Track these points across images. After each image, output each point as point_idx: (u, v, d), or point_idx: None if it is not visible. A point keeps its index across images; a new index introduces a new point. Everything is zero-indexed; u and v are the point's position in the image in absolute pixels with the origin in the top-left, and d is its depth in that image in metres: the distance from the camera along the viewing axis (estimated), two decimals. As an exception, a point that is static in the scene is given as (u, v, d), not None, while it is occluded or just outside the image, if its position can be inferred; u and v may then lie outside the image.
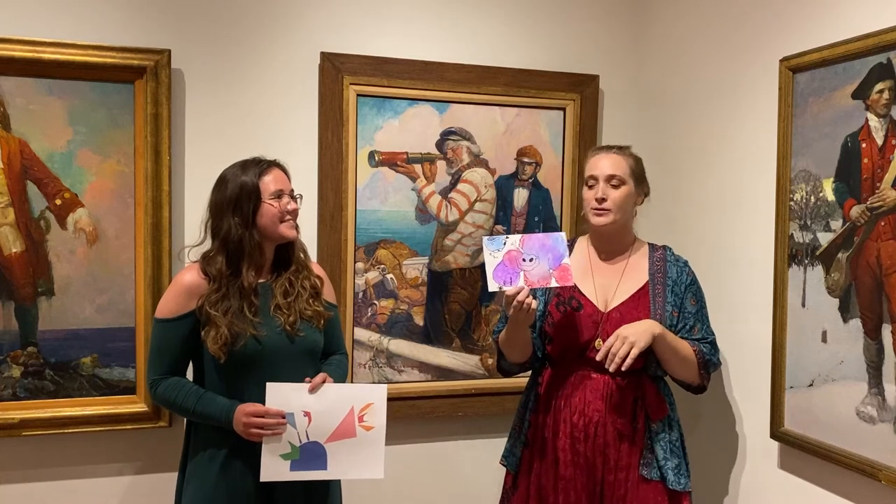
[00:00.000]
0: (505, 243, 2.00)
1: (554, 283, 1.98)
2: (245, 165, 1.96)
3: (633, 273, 2.12)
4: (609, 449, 2.03)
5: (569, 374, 2.10)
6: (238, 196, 1.92)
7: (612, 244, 2.16)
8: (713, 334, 2.12)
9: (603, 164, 2.10)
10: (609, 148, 2.17)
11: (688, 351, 2.04)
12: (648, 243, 2.20)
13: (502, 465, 2.23)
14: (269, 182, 1.94)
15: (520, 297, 1.93)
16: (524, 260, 1.98)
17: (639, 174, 2.14)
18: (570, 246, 2.23)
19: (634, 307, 2.07)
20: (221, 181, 1.96)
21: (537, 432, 2.14)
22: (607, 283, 2.11)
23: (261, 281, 1.98)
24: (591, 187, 2.11)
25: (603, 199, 2.07)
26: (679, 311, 2.09)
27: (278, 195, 1.95)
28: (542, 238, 2.02)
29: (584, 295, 2.11)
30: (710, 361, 2.07)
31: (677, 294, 2.09)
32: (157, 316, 1.97)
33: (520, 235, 2.02)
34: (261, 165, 1.96)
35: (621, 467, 2.03)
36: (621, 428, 2.03)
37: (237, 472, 1.92)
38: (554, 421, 2.09)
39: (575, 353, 2.09)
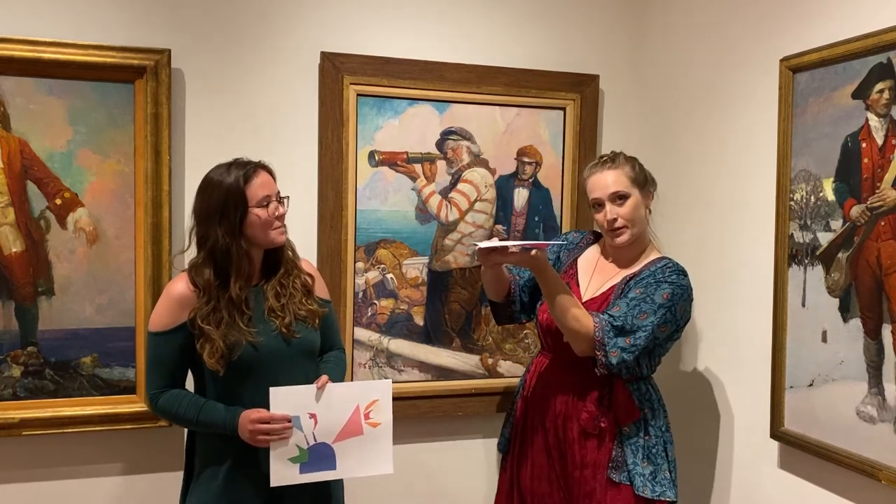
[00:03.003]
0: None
1: (529, 245, 1.97)
2: (228, 169, 1.88)
3: (620, 277, 2.13)
4: (575, 445, 2.05)
5: (548, 363, 2.16)
6: (223, 205, 1.84)
7: (621, 253, 2.17)
8: (635, 329, 1.95)
9: (602, 184, 2.09)
10: (602, 163, 2.14)
11: (579, 317, 1.94)
12: (658, 256, 2.17)
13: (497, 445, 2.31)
14: (256, 188, 1.87)
15: (485, 247, 1.94)
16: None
17: (640, 178, 2.13)
18: (594, 240, 2.28)
19: (601, 303, 2.09)
20: (205, 187, 1.89)
21: (518, 416, 2.21)
22: (604, 275, 2.15)
23: (252, 286, 1.95)
24: (598, 210, 2.11)
25: (614, 220, 2.07)
26: (619, 298, 2.05)
27: (265, 202, 1.89)
28: (533, 244, 2.01)
29: (577, 286, 2.15)
30: (605, 344, 1.93)
31: (630, 287, 2.06)
32: (150, 329, 1.93)
33: (513, 243, 2.01)
34: (246, 169, 1.88)
35: (587, 464, 2.04)
36: (584, 425, 2.04)
37: (243, 480, 1.91)
38: (532, 410, 2.15)
39: (549, 337, 2.13)
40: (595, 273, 2.16)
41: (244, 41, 2.41)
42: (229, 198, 1.85)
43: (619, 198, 2.08)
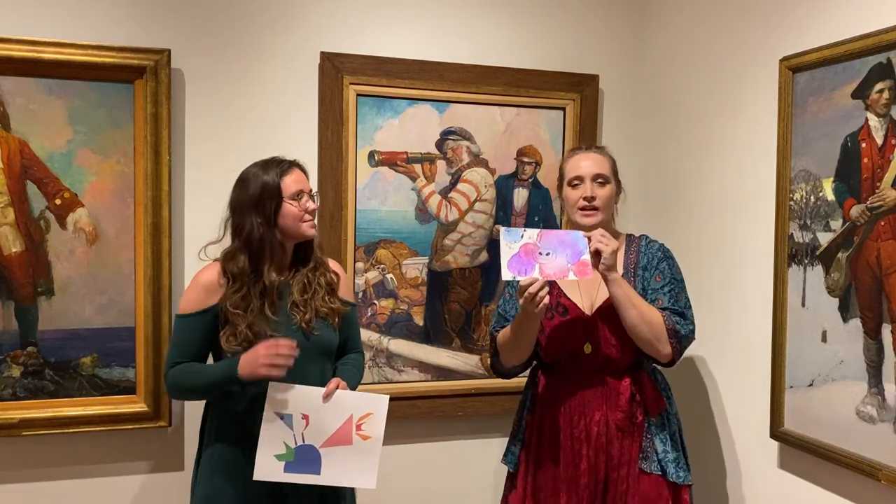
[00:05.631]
0: (522, 236, 1.94)
1: (571, 277, 1.93)
2: (266, 165, 1.98)
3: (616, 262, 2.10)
4: (611, 447, 2.04)
5: (566, 376, 2.10)
6: (260, 196, 1.93)
7: None
8: (685, 308, 2.06)
9: (587, 164, 2.09)
10: (588, 147, 2.16)
11: (653, 312, 1.99)
12: (627, 235, 2.18)
13: (503, 463, 2.24)
14: (290, 182, 1.96)
15: (532, 289, 1.89)
16: (541, 254, 1.94)
17: (616, 173, 2.15)
18: None
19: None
20: (242, 181, 1.98)
21: (534, 433, 2.14)
22: (591, 284, 2.08)
23: (280, 279, 1.99)
24: (575, 187, 2.09)
25: (592, 198, 2.06)
26: (643, 291, 2.06)
27: (298, 195, 1.96)
28: (561, 234, 1.97)
29: (569, 299, 2.10)
30: (679, 332, 2.00)
31: (646, 279, 2.08)
32: (178, 312, 1.99)
33: (538, 230, 1.96)
34: (281, 165, 1.98)
35: (623, 463, 2.04)
36: (621, 424, 2.04)
37: (249, 475, 1.91)
38: (553, 423, 2.09)
39: (567, 357, 2.09)
40: (581, 280, 2.10)
41: (244, 41, 2.42)
42: (265, 190, 1.94)
43: (601, 179, 2.08)
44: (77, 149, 2.25)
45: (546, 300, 1.91)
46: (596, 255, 1.93)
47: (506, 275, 1.93)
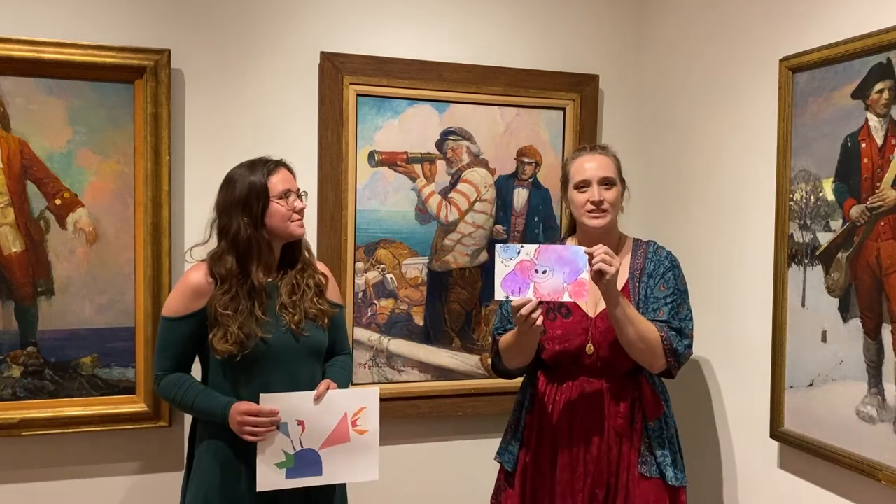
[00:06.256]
0: (519, 252, 1.90)
1: (567, 298, 1.89)
2: (252, 165, 1.96)
3: (621, 275, 2.09)
4: (610, 451, 2.04)
5: (566, 380, 2.09)
6: (247, 196, 1.92)
7: (602, 243, 2.12)
8: (684, 322, 2.04)
9: (592, 167, 2.07)
10: (592, 148, 2.14)
11: (651, 331, 1.97)
12: (634, 239, 2.18)
13: (497, 461, 2.23)
14: (277, 182, 1.95)
15: (524, 311, 1.87)
16: (537, 271, 1.89)
17: (620, 172, 2.14)
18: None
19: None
20: (228, 181, 1.96)
21: (533, 434, 2.14)
22: (595, 286, 2.06)
23: (268, 280, 1.99)
24: (582, 190, 2.07)
25: (600, 202, 2.05)
26: (646, 299, 2.06)
27: (286, 194, 1.95)
28: (559, 250, 1.92)
29: (576, 304, 2.09)
30: (676, 350, 1.99)
31: (650, 286, 2.07)
32: (163, 314, 1.98)
33: (536, 245, 1.91)
34: (268, 165, 1.97)
35: (622, 468, 2.04)
36: (620, 430, 2.03)
37: (240, 475, 1.93)
38: (552, 426, 2.09)
39: (569, 359, 2.08)
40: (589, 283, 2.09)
41: (244, 41, 2.42)
42: (252, 190, 1.93)
43: (608, 183, 2.07)
44: (77, 149, 2.25)
45: (539, 321, 1.89)
46: (598, 273, 1.89)
47: (499, 294, 1.90)
